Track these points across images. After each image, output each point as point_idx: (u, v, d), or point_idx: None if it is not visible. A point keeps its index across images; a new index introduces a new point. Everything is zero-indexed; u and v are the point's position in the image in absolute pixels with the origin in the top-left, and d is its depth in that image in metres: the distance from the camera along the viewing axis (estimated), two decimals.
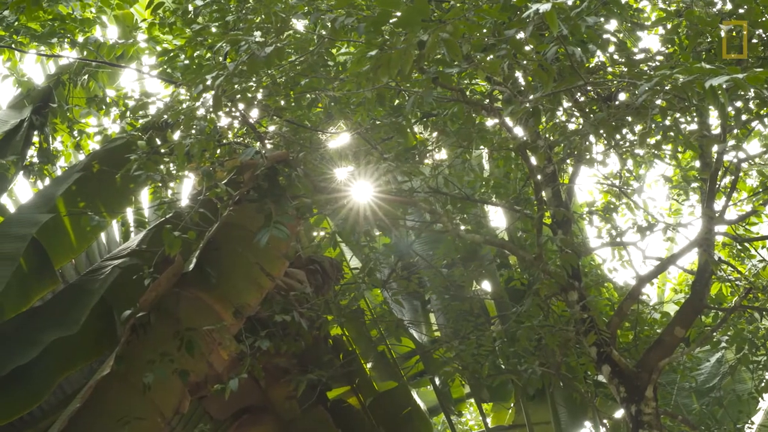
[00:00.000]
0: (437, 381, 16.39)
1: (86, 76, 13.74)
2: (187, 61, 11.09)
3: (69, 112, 13.97)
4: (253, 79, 9.49)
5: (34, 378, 11.23)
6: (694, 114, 10.26)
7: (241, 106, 10.30)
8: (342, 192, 10.56)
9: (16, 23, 12.26)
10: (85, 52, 13.02)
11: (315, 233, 14.43)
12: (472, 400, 17.80)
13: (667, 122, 9.46)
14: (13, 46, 12.83)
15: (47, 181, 13.76)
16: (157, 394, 10.27)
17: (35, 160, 13.82)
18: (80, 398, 10.31)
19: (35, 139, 13.88)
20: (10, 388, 11.08)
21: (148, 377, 9.93)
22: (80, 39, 12.99)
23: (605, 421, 15.42)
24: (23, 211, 12.59)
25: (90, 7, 13.00)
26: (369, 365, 15.58)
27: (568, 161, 11.71)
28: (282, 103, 10.73)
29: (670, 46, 10.12)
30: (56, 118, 14.03)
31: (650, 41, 20.67)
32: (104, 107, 13.24)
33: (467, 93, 10.64)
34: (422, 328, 16.78)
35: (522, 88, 9.42)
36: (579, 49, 8.42)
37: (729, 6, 9.70)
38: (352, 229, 11.59)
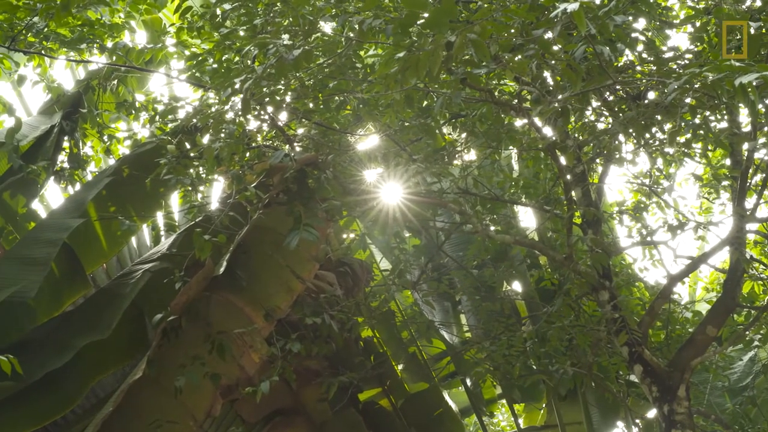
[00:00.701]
0: (469, 382, 16.38)
1: (115, 81, 13.79)
2: (215, 65, 11.11)
3: (99, 117, 14.02)
4: (282, 82, 9.49)
5: (67, 382, 11.28)
6: (724, 112, 10.22)
7: (269, 109, 10.31)
8: (371, 194, 10.56)
9: (46, 29, 12.31)
10: (114, 58, 13.07)
11: (345, 235, 14.44)
12: (504, 401, 17.79)
13: (697, 120, 9.43)
14: (42, 52, 12.88)
15: (78, 186, 13.80)
16: (189, 397, 10.30)
17: (66, 165, 13.87)
18: (113, 402, 10.35)
19: (65, 144, 13.93)
20: (43, 393, 11.13)
21: (179, 381, 9.96)
22: (109, 44, 13.04)
23: (638, 420, 15.37)
24: (54, 217, 12.64)
25: (119, 13, 13.04)
26: (400, 367, 15.59)
27: (598, 161, 11.67)
28: (311, 105, 10.74)
29: (699, 44, 10.07)
30: (86, 124, 14.08)
31: (679, 39, 20.57)
32: (134, 112, 13.29)
33: (496, 93, 10.62)
34: (453, 329, 16.77)
35: (550, 88, 9.39)
36: (607, 48, 8.38)
37: (759, 2, 9.65)
38: (381, 231, 11.60)
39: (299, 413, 13.03)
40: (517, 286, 16.00)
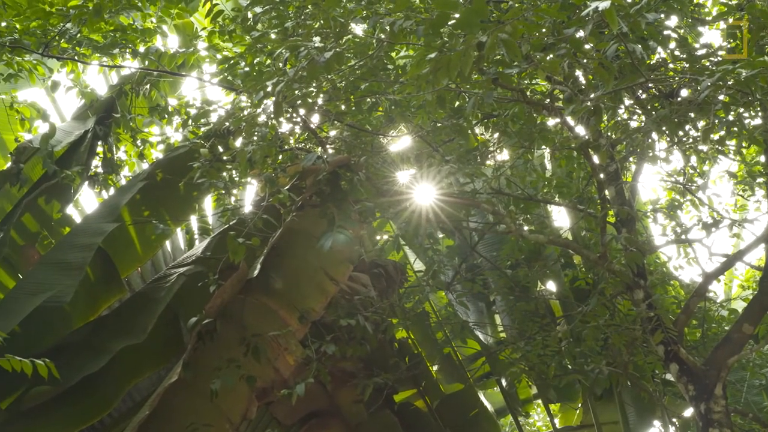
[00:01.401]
0: (504, 382, 16.34)
1: (148, 86, 13.83)
2: (247, 68, 11.13)
3: (132, 121, 14.08)
4: (313, 84, 9.50)
5: (104, 386, 11.34)
6: (758, 108, 10.15)
7: (301, 111, 10.33)
8: (404, 195, 10.56)
9: (79, 35, 12.37)
10: (146, 62, 13.11)
11: (378, 237, 14.44)
12: (540, 401, 17.74)
13: (731, 117, 9.37)
14: (76, 58, 12.94)
15: (112, 191, 13.87)
16: (225, 400, 10.33)
17: (100, 170, 13.93)
18: (149, 405, 10.39)
19: (99, 149, 13.99)
20: (79, 397, 11.19)
21: (215, 384, 9.98)
22: (141, 49, 13.08)
23: (674, 420, 15.30)
24: (89, 221, 12.71)
25: (150, 17, 13.09)
26: (435, 368, 15.58)
27: (631, 159, 11.63)
28: (342, 107, 10.75)
29: (732, 40, 10.02)
30: (119, 128, 14.15)
31: (712, 36, 20.49)
32: (166, 116, 13.33)
33: (528, 93, 10.59)
34: (487, 330, 16.74)
35: (583, 87, 9.37)
36: (639, 46, 8.35)
37: None
38: (415, 232, 11.58)
39: (334, 415, 13.04)
40: (551, 285, 15.96)
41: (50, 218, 13.25)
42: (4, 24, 12.22)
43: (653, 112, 9.95)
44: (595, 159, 10.62)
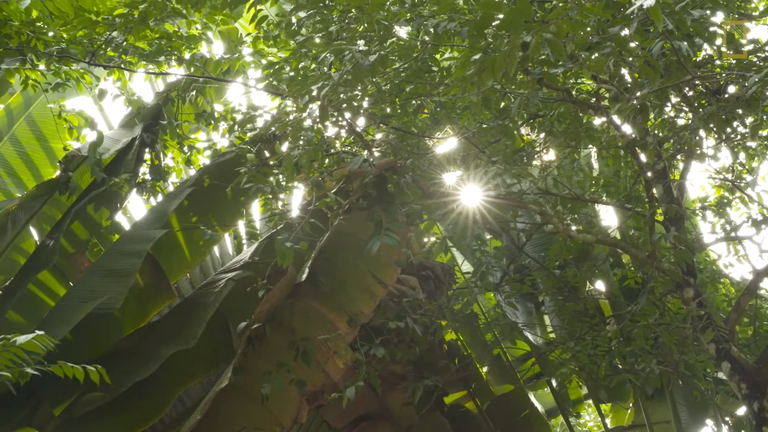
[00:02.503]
0: (554, 383, 16.29)
1: (194, 92, 13.90)
2: (292, 73, 11.15)
3: (178, 128, 14.14)
4: (359, 87, 9.51)
5: (155, 392, 11.40)
6: None
7: (347, 115, 10.34)
8: (451, 197, 10.55)
9: (125, 43, 12.43)
10: (192, 69, 13.15)
11: (426, 239, 14.43)
12: (590, 401, 17.67)
13: None
14: (122, 66, 13.01)
15: (160, 198, 13.93)
16: (275, 404, 10.36)
17: (147, 177, 13.99)
18: (200, 410, 10.44)
19: (147, 156, 14.06)
20: (131, 403, 11.25)
21: (265, 388, 10.02)
22: (187, 56, 13.13)
23: (727, 418, 15.20)
24: (138, 228, 12.78)
25: (195, 24, 13.13)
26: (485, 369, 15.55)
27: (679, 157, 11.56)
28: (388, 110, 10.75)
29: None
30: (166, 135, 14.21)
31: (759, 32, 20.32)
32: (213, 122, 13.38)
33: (573, 92, 10.56)
34: (537, 330, 16.69)
35: (629, 85, 9.32)
36: (685, 43, 8.31)
37: None
38: (462, 234, 11.56)
39: (385, 418, 13.05)
40: (600, 285, 15.89)
41: (99, 226, 13.33)
42: (51, 34, 12.30)
43: (700, 110, 9.90)
44: (643, 157, 10.57)
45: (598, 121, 10.89)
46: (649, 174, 10.62)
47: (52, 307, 12.07)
